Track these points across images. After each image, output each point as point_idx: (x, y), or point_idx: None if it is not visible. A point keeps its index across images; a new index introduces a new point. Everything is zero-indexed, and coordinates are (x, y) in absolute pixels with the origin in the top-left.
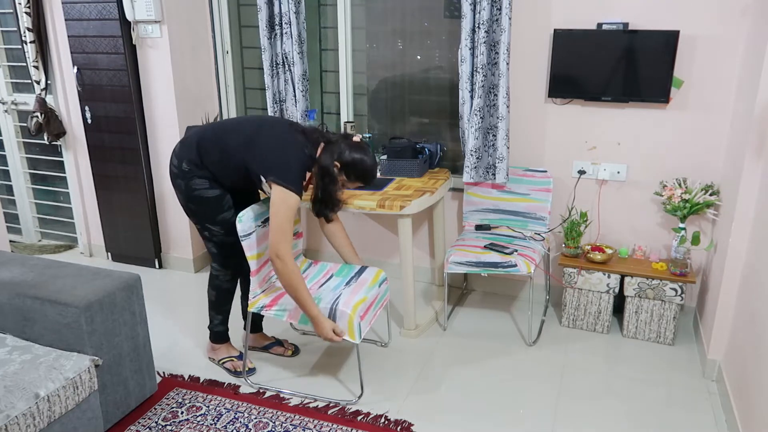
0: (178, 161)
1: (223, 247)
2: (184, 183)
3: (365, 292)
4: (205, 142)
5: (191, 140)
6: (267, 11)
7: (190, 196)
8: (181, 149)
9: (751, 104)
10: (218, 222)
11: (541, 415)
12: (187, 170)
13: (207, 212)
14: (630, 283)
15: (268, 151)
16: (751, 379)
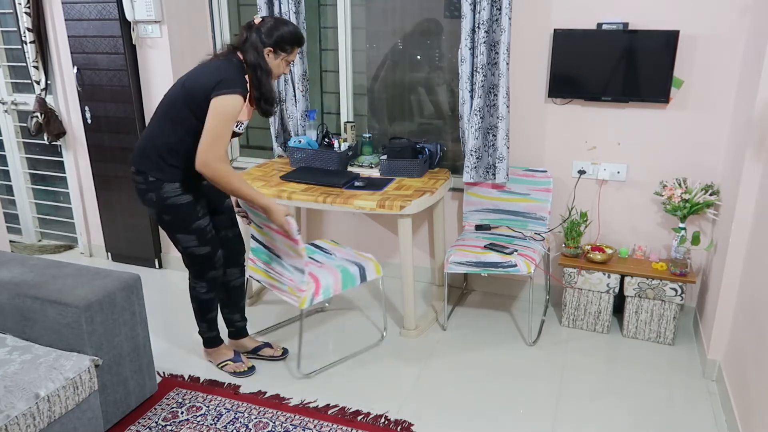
0: (144, 176)
1: (197, 258)
2: (156, 194)
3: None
4: (154, 139)
5: (143, 150)
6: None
7: (163, 206)
8: (140, 163)
9: (751, 104)
10: (193, 230)
11: (541, 415)
12: (153, 180)
13: (181, 220)
14: (630, 283)
15: (202, 79)
16: (751, 379)
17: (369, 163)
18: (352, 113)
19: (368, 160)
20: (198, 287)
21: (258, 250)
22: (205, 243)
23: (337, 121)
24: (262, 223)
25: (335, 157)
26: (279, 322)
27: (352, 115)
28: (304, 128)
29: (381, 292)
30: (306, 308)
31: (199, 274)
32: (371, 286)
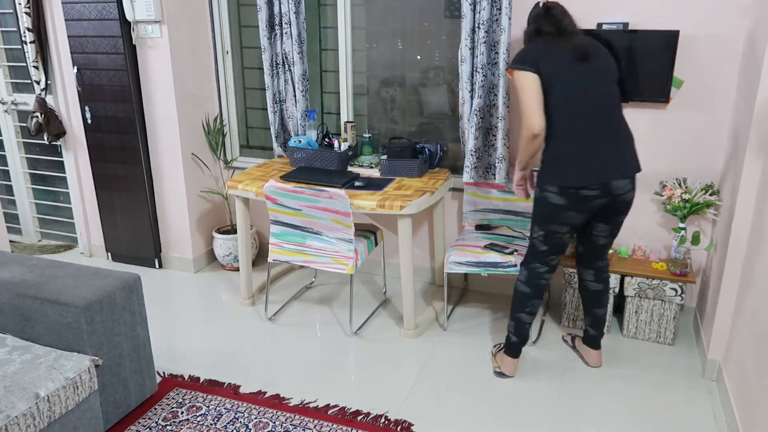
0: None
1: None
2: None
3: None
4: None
5: (635, 153)
6: (267, 11)
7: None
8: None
9: (751, 104)
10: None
11: (541, 415)
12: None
13: None
14: (630, 283)
15: (611, 61)
16: (751, 379)
17: (369, 163)
18: (352, 113)
19: (368, 160)
20: (523, 278)
21: (285, 233)
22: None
23: (337, 121)
24: (303, 204)
25: (335, 157)
26: (287, 300)
27: (352, 115)
28: (304, 128)
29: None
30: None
31: (527, 262)
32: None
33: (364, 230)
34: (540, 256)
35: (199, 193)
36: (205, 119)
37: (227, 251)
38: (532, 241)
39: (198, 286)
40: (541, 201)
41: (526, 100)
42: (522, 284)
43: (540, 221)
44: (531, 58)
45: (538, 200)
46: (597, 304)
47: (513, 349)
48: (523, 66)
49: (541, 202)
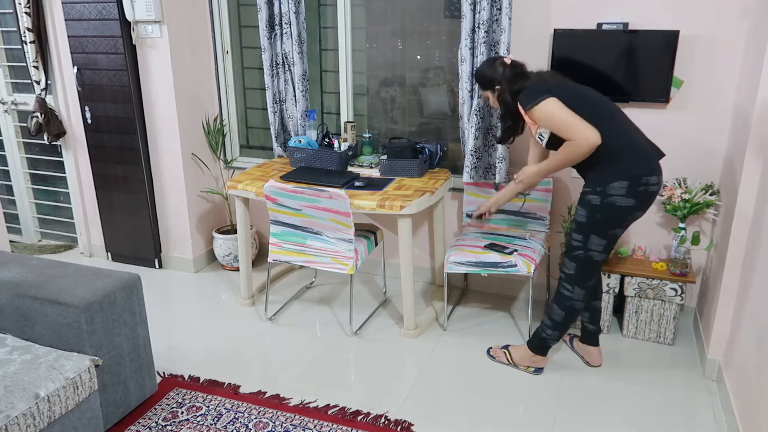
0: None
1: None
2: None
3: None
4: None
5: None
6: (267, 11)
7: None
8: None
9: (751, 104)
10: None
11: (541, 415)
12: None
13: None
14: (630, 283)
15: None
16: (751, 379)
17: (369, 163)
18: (352, 113)
19: (368, 160)
20: (581, 297)
21: (285, 233)
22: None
23: (337, 121)
24: (303, 204)
25: (335, 157)
26: (287, 300)
27: (352, 115)
28: (304, 128)
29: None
30: (353, 273)
31: (583, 281)
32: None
33: (364, 230)
34: (597, 268)
35: (199, 193)
36: (205, 119)
37: (227, 251)
38: (588, 254)
39: (198, 286)
40: (606, 207)
41: (566, 121)
42: (579, 302)
43: (605, 230)
44: (540, 89)
45: (601, 208)
46: (595, 296)
47: (546, 351)
48: (538, 99)
49: (606, 209)
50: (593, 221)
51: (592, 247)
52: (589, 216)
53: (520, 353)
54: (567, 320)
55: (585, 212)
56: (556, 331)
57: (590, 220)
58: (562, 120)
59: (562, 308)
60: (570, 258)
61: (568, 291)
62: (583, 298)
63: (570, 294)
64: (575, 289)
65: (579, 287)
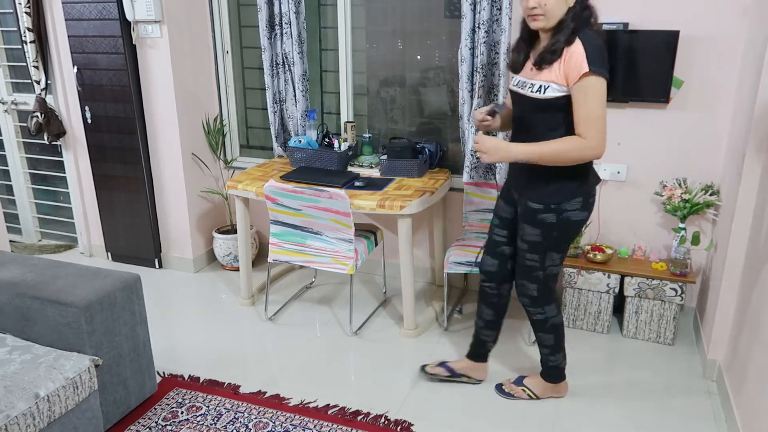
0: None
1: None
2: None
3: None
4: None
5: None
6: (267, 11)
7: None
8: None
9: (751, 104)
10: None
11: (541, 415)
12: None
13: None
14: (630, 283)
15: None
16: (751, 379)
17: (369, 163)
18: (352, 113)
19: (368, 160)
20: (555, 312)
21: (285, 233)
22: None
23: (337, 121)
24: (303, 204)
25: (335, 157)
26: (287, 300)
27: (352, 115)
28: (304, 128)
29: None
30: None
31: (549, 297)
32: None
33: (364, 230)
34: (556, 279)
35: (199, 193)
36: (205, 119)
37: (227, 251)
38: (551, 270)
39: (198, 286)
40: (561, 223)
41: (600, 115)
42: (556, 317)
43: (557, 246)
44: (607, 63)
45: (555, 225)
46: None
47: (563, 373)
48: (604, 70)
49: (561, 224)
50: (550, 239)
51: (549, 263)
52: (545, 235)
53: (541, 386)
54: (558, 337)
55: (539, 231)
56: (558, 353)
57: (546, 239)
58: (599, 110)
59: (547, 331)
60: (529, 280)
61: (541, 314)
62: (555, 311)
63: (543, 316)
64: (545, 309)
65: (547, 305)
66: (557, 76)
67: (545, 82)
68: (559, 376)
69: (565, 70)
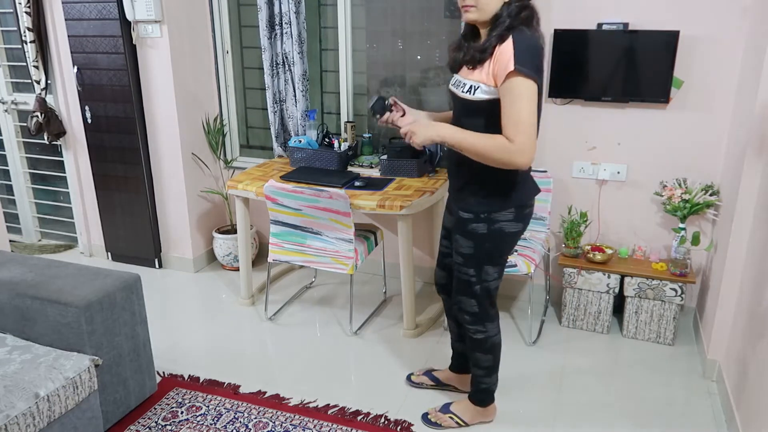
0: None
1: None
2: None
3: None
4: None
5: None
6: (267, 11)
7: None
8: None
9: (751, 104)
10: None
11: (542, 415)
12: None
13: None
14: (630, 283)
15: None
16: (751, 379)
17: (369, 163)
18: (352, 113)
19: (368, 160)
20: (496, 331)
21: (285, 233)
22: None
23: (337, 121)
24: (303, 204)
25: (335, 157)
26: (287, 300)
27: (352, 115)
28: (304, 128)
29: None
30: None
31: (490, 314)
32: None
33: (364, 230)
34: (495, 293)
35: (199, 193)
36: (205, 119)
37: (227, 251)
38: (484, 285)
39: (198, 286)
40: (493, 234)
41: (532, 123)
42: (496, 336)
43: (492, 258)
44: (537, 61)
45: (487, 236)
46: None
47: (493, 396)
48: (537, 78)
49: (494, 235)
50: (482, 251)
51: (486, 278)
52: (477, 246)
53: (469, 411)
54: (496, 359)
55: (471, 243)
56: (493, 375)
57: (479, 251)
58: (527, 114)
59: (486, 351)
60: (467, 295)
61: (482, 332)
62: (497, 329)
63: (485, 334)
64: (486, 326)
65: (488, 322)
66: (487, 76)
67: (476, 83)
68: (488, 399)
69: (494, 70)
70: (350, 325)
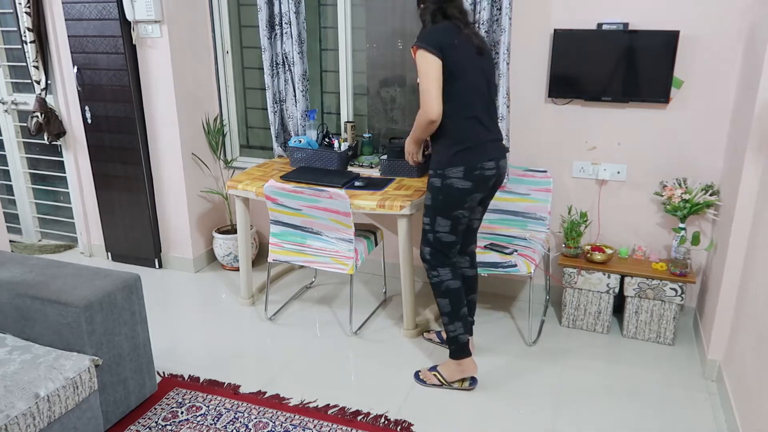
0: None
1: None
2: None
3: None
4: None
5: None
6: (267, 11)
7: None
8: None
9: (751, 104)
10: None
11: (542, 415)
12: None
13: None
14: (630, 283)
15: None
16: (751, 379)
17: (369, 163)
18: (352, 113)
19: (368, 160)
20: (449, 276)
21: (285, 233)
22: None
23: (337, 121)
24: (303, 204)
25: (335, 157)
26: (287, 300)
27: (352, 115)
28: (304, 128)
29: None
30: (353, 273)
31: (443, 261)
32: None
33: (364, 230)
34: (450, 248)
35: (199, 193)
36: (205, 119)
37: (227, 251)
38: (437, 236)
39: (198, 286)
40: (445, 188)
41: (428, 86)
42: (452, 281)
43: (444, 210)
44: (440, 42)
45: (440, 189)
46: (472, 290)
47: (466, 349)
48: (431, 49)
49: (445, 190)
50: (436, 203)
51: (439, 228)
52: (433, 198)
53: (448, 369)
54: (454, 304)
55: (430, 195)
56: (455, 322)
57: (434, 202)
58: (424, 82)
59: (441, 295)
60: (424, 242)
61: (436, 276)
62: (451, 275)
63: (438, 278)
64: (439, 271)
65: (441, 267)
66: None
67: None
68: (460, 351)
69: None
70: (350, 325)
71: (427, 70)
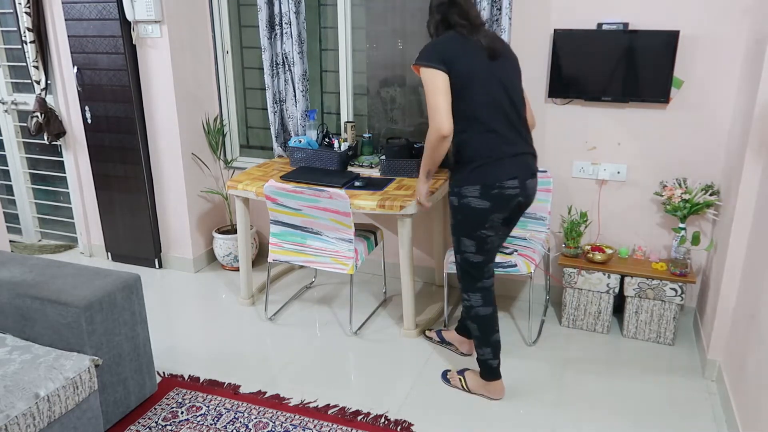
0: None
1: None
2: None
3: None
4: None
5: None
6: (267, 11)
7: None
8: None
9: (751, 104)
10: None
11: (542, 415)
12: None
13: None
14: (630, 283)
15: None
16: (751, 379)
17: (369, 163)
18: (352, 113)
19: (368, 160)
20: (479, 302)
21: (285, 233)
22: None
23: (337, 121)
24: (303, 204)
25: (335, 157)
26: (287, 300)
27: (352, 115)
28: (305, 128)
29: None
30: (353, 273)
31: (471, 285)
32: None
33: (364, 230)
34: (479, 270)
35: (199, 193)
36: (205, 119)
37: (227, 251)
38: (464, 256)
39: (198, 286)
40: (462, 208)
41: (435, 101)
42: (482, 308)
43: (465, 230)
44: (443, 55)
45: (458, 208)
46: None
47: (496, 372)
48: (432, 64)
49: (463, 209)
50: (456, 222)
51: (464, 249)
52: (453, 217)
53: (475, 381)
54: (483, 331)
55: (451, 214)
56: (483, 347)
57: (455, 221)
58: (431, 99)
59: (471, 319)
60: (455, 263)
61: (466, 300)
62: (481, 302)
63: (468, 302)
64: (470, 296)
65: (471, 292)
66: None
67: None
68: (489, 373)
69: None
70: (350, 325)
71: (432, 84)
